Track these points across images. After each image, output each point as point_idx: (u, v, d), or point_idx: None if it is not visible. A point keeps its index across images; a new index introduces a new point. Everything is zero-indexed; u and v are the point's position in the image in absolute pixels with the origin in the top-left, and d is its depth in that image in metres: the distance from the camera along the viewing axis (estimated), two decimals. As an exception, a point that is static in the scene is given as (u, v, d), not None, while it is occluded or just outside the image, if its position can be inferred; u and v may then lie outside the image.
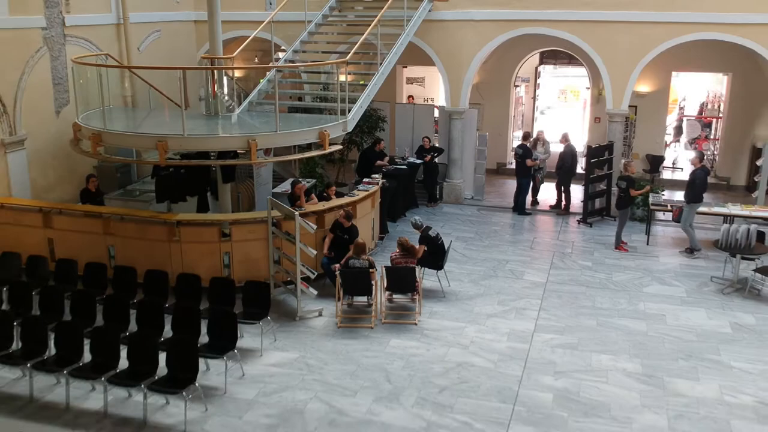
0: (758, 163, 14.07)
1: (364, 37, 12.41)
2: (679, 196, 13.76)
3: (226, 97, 11.78)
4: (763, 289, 10.92)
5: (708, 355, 8.98)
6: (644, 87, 16.76)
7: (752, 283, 10.99)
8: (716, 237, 11.64)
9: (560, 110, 22.74)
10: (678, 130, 20.12)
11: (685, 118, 20.12)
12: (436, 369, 8.62)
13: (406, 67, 19.72)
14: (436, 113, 16.87)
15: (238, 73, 18.08)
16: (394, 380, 8.35)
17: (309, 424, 7.49)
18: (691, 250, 12.47)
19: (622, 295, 10.79)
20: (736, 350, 9.09)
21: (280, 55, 15.25)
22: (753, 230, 11.02)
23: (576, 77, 20.96)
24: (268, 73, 13.63)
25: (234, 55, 12.69)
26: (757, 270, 10.86)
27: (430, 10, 14.63)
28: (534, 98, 20.07)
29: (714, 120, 18.89)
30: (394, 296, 10.48)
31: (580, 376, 8.43)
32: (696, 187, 12.38)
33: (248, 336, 9.27)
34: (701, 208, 12.71)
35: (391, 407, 7.80)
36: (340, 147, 11.49)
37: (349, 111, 11.52)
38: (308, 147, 11.08)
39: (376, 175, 13.24)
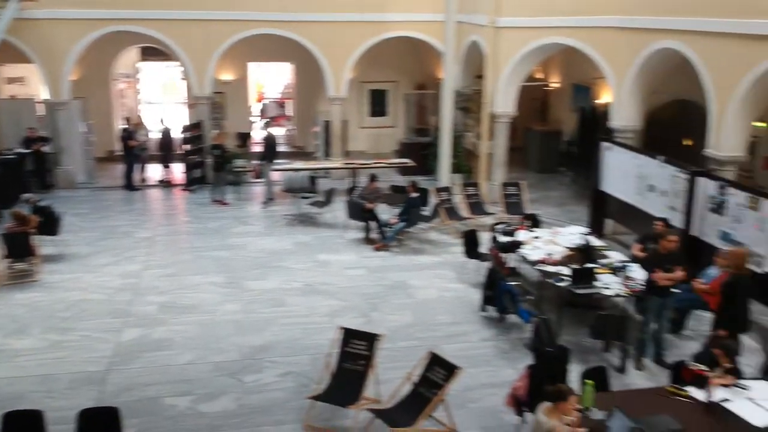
0: (314, 130, 18.14)
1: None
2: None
3: None
4: (317, 217, 14.67)
5: (274, 264, 12.22)
6: (228, 76, 19.88)
7: (308, 214, 14.69)
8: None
9: (164, 101, 24.95)
10: (264, 111, 23.91)
11: (265, 101, 24.06)
12: (59, 307, 10.38)
13: (4, 65, 20.03)
14: (40, 107, 17.82)
15: None
16: (20, 320, 9.92)
17: (-57, 362, 8.77)
18: (265, 201, 15.82)
19: (214, 237, 13.61)
20: (294, 258, 12.50)
21: None
22: (306, 176, 14.73)
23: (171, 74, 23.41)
24: None
25: None
26: (311, 204, 14.56)
27: (20, 9, 15.64)
28: (137, 91, 22.01)
29: (287, 101, 23.01)
30: (14, 262, 11.77)
31: (178, 292, 10.97)
32: (267, 149, 15.77)
33: None
34: (277, 166, 16.19)
35: (20, 338, 9.42)
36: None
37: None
38: None
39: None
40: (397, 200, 13.79)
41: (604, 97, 15.37)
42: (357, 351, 7.77)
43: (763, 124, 12.21)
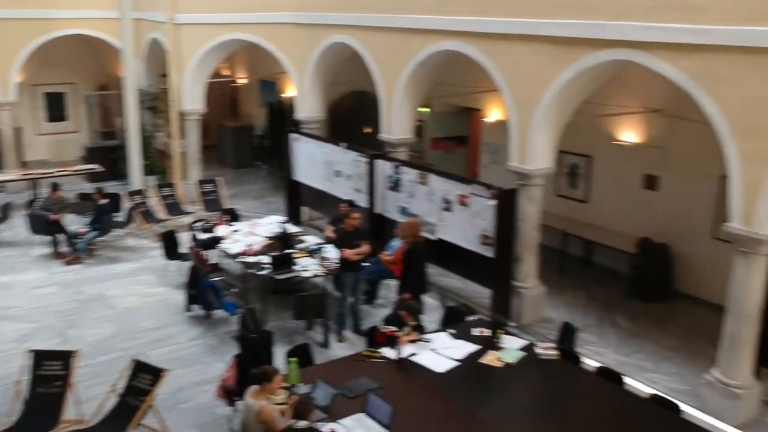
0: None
1: None
2: None
3: None
4: (-7, 236, 13.25)
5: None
6: None
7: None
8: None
9: None
10: None
11: None
12: None
13: None
14: None
15: None
16: None
17: None
18: None
19: None
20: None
21: None
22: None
23: None
24: None
25: None
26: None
27: None
28: None
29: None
30: None
31: None
32: None
33: None
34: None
35: None
36: None
37: None
38: None
39: None
40: (85, 209, 12.91)
41: (289, 91, 15.98)
42: (51, 372, 7.22)
43: (427, 109, 13.75)
